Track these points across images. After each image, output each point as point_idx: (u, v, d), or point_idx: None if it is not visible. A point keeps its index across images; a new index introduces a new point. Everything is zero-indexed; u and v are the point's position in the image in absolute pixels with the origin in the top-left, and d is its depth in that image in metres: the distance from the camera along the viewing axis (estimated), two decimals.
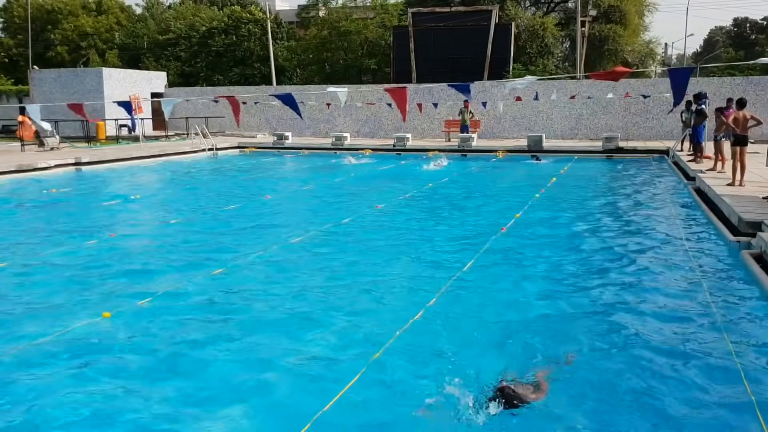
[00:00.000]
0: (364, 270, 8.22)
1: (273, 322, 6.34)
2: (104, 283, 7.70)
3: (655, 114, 28.13)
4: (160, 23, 49.26)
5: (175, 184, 17.59)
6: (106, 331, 6.06)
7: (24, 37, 41.47)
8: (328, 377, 5.03)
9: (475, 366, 5.16)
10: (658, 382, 4.94)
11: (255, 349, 5.64)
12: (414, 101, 29.03)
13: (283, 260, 8.76)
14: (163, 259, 8.87)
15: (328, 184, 16.99)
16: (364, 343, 5.70)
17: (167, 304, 6.83)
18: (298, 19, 52.56)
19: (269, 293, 7.24)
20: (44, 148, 24.11)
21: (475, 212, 12.57)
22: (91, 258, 8.93)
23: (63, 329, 6.01)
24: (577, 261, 8.65)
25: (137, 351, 5.62)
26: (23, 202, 14.09)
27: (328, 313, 6.53)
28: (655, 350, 5.54)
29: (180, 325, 6.23)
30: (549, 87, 28.96)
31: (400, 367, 5.19)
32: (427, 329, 6.03)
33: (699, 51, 79.26)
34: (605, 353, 5.51)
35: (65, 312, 6.58)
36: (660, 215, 11.99)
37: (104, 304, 6.81)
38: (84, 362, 5.37)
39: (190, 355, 5.55)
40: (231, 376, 5.13)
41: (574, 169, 19.77)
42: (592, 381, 4.99)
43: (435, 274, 7.96)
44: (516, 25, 38.91)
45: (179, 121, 33.63)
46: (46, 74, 35.30)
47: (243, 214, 12.49)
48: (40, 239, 10.16)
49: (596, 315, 6.50)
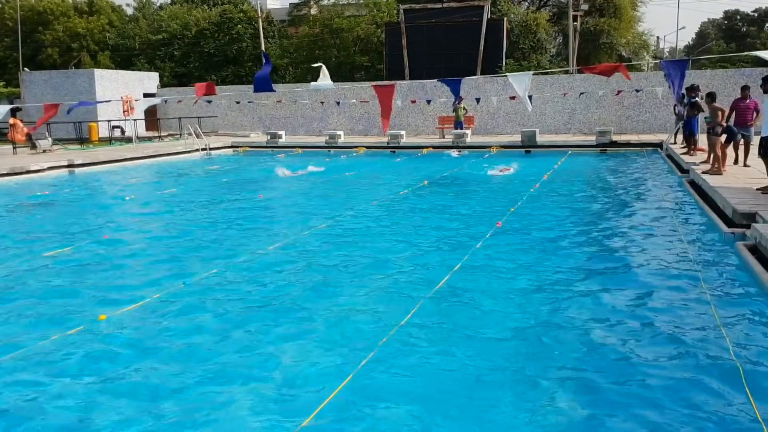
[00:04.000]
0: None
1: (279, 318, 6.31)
2: (99, 284, 7.65)
3: (648, 107, 28.16)
4: (152, 23, 49.04)
5: (168, 185, 17.52)
6: (102, 334, 6.02)
7: (14, 39, 41.22)
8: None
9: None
10: (651, 374, 4.94)
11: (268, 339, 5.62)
12: (408, 98, 29.02)
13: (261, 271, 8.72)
14: (157, 260, 8.82)
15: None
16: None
17: (162, 305, 6.79)
18: (290, 17, 52.40)
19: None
20: (36, 151, 24.00)
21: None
22: (84, 260, 8.88)
23: (59, 332, 5.96)
24: (568, 255, 8.64)
25: (134, 352, 5.58)
26: (16, 206, 14.01)
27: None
28: (650, 343, 5.54)
29: (175, 327, 6.19)
30: (542, 83, 28.98)
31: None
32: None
33: (691, 44, 79.43)
34: (597, 349, 5.50)
35: (60, 315, 6.54)
36: (654, 208, 12.00)
37: (99, 306, 6.77)
38: (81, 364, 5.34)
39: (185, 356, 5.52)
40: (241, 367, 5.10)
41: (567, 164, 19.78)
42: (584, 377, 4.98)
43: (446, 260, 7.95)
44: (508, 21, 38.86)
45: (172, 121, 33.53)
46: (36, 76, 35.13)
47: (238, 214, 12.46)
48: (32, 242, 10.10)
49: (588, 308, 6.49)
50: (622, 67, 10.64)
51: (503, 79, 29.80)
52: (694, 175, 13.65)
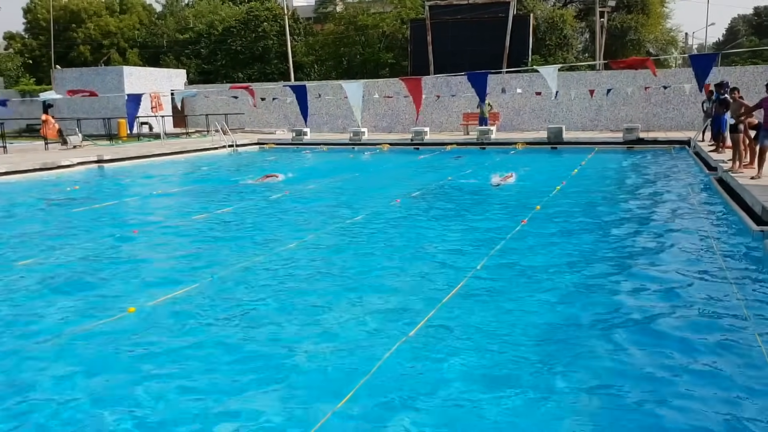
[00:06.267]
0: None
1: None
2: (129, 278, 7.82)
3: (675, 104, 27.83)
4: (179, 21, 49.60)
5: (195, 181, 17.74)
6: (131, 325, 6.15)
7: (48, 38, 41.97)
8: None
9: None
10: (682, 372, 4.93)
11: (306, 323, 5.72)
12: (432, 93, 28.99)
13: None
14: (187, 254, 8.97)
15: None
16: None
17: (191, 298, 6.92)
18: (315, 14, 52.66)
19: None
20: (67, 146, 24.46)
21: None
22: (114, 254, 9.06)
23: (90, 324, 6.11)
24: (596, 253, 8.60)
25: (162, 344, 5.70)
26: (48, 200, 14.32)
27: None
28: (678, 340, 5.51)
29: (203, 319, 6.31)
30: (569, 79, 28.76)
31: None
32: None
33: (721, 40, 77.97)
34: (624, 346, 5.49)
35: (90, 306, 6.69)
36: (681, 206, 11.88)
37: (128, 298, 6.92)
38: (114, 354, 5.47)
39: (214, 348, 5.63)
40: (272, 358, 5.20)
41: (594, 161, 19.63)
42: (618, 369, 4.99)
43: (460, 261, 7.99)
44: (534, 17, 38.64)
45: (199, 118, 33.93)
46: (68, 73, 35.77)
47: (266, 209, 12.61)
48: (63, 236, 10.32)
49: (616, 306, 6.47)
50: (650, 61, 10.54)
51: (529, 75, 29.67)
52: (722, 172, 13.48)
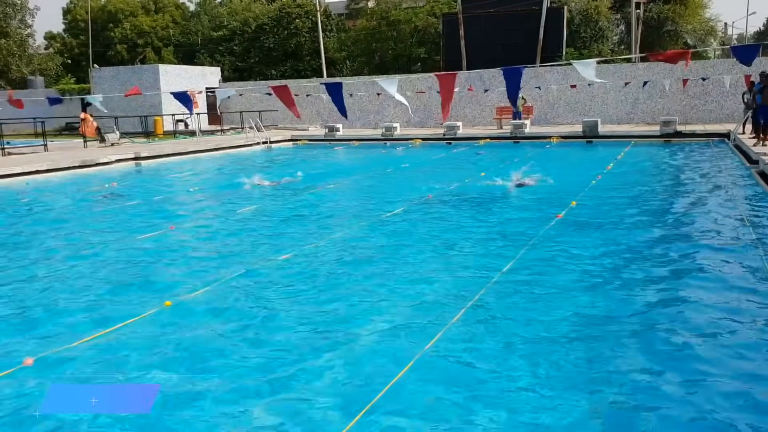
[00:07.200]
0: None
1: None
2: (165, 273, 7.95)
3: (714, 96, 27.21)
4: (213, 19, 50.15)
5: (230, 177, 17.95)
6: (167, 319, 6.26)
7: (87, 38, 42.86)
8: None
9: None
10: (726, 374, 4.84)
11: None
12: (465, 87, 28.80)
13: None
14: (222, 250, 9.09)
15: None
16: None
17: (226, 293, 7.01)
18: (348, 10, 52.73)
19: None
20: (105, 144, 24.97)
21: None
22: (152, 249, 9.22)
23: (130, 317, 6.23)
24: (635, 249, 8.47)
25: (197, 338, 5.79)
26: (87, 197, 14.64)
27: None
28: (724, 342, 5.39)
29: (241, 313, 6.39)
30: (604, 72, 28.32)
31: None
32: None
33: (762, 30, 75.91)
34: (662, 347, 5.40)
35: (129, 301, 6.82)
36: (722, 200, 11.62)
37: (166, 293, 7.03)
38: (153, 348, 5.58)
39: (243, 343, 5.70)
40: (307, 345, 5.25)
41: (630, 155, 19.32)
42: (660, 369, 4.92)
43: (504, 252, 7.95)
44: (568, 9, 38.12)
45: (234, 115, 34.29)
46: (105, 72, 36.50)
47: (310, 204, 12.71)
48: (102, 231, 10.53)
49: (657, 304, 6.36)
50: (689, 54, 10.31)
51: (563, 68, 29.29)
52: (764, 165, 13.15)
